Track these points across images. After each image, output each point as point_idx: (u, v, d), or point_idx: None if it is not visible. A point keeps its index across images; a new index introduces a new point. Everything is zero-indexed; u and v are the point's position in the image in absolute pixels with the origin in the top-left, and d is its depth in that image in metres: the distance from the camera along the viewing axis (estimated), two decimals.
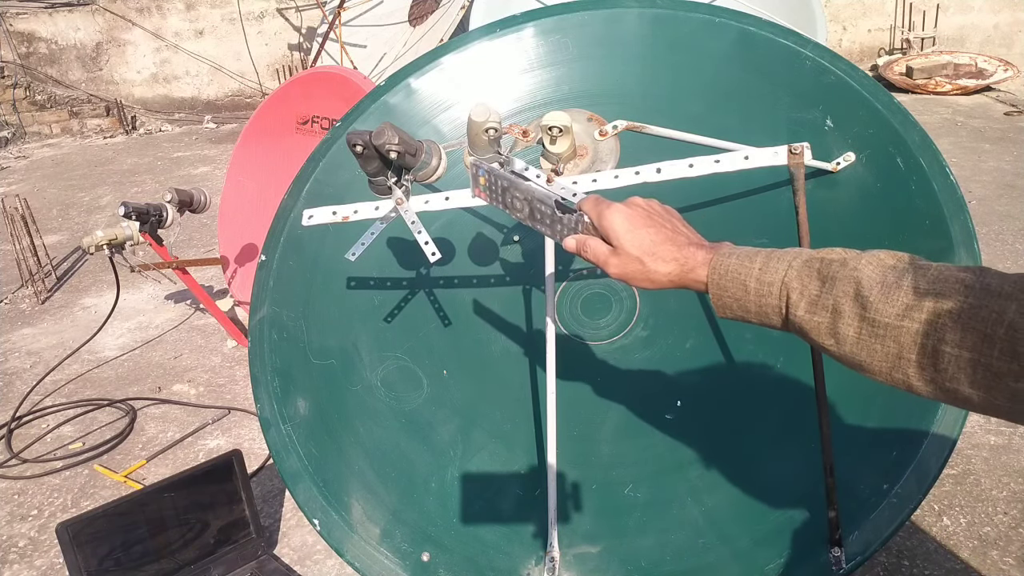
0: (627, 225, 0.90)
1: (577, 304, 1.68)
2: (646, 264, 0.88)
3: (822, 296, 0.75)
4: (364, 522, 1.61)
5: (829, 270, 0.76)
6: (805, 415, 1.45)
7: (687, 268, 0.87)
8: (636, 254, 0.88)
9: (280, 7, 9.03)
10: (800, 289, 0.77)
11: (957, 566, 1.96)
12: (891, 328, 0.70)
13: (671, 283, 0.89)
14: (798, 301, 0.77)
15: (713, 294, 0.85)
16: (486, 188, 1.07)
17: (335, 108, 3.12)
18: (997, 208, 4.49)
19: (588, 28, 1.70)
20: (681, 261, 0.87)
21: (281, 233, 1.75)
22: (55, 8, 8.82)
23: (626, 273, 0.90)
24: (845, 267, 0.76)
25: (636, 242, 0.88)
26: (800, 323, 0.78)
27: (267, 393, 1.69)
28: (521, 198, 1.01)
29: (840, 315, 0.74)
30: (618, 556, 1.54)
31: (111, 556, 1.87)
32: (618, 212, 0.91)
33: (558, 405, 1.38)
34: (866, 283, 0.73)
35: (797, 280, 0.78)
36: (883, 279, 0.72)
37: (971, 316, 0.65)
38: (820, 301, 0.75)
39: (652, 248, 0.88)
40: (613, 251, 0.91)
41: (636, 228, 0.89)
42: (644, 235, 0.89)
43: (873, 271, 0.74)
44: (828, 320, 0.75)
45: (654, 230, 0.89)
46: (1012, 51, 8.75)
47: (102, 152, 7.78)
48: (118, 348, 3.52)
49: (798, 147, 1.35)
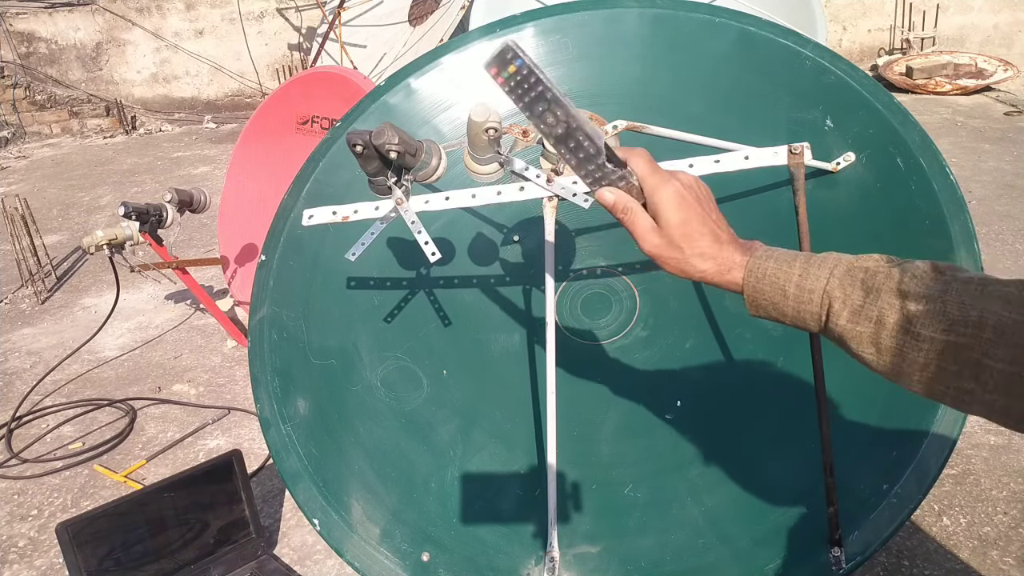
0: (680, 209, 0.85)
1: (577, 304, 1.68)
2: (686, 255, 0.85)
3: (866, 306, 0.76)
4: (364, 522, 1.61)
5: (874, 281, 0.77)
6: (805, 415, 1.45)
7: (724, 269, 0.85)
8: (680, 243, 0.85)
9: (280, 7, 9.03)
10: (843, 299, 0.78)
11: (957, 566, 1.96)
12: (935, 341, 0.72)
13: (702, 279, 0.87)
14: (840, 310, 0.78)
15: (748, 296, 0.85)
16: (511, 79, 0.83)
17: (335, 108, 3.12)
18: (997, 208, 4.50)
19: (588, 28, 1.70)
20: (719, 261, 0.85)
21: (281, 233, 1.75)
22: (55, 8, 8.82)
23: (661, 256, 0.87)
24: (890, 279, 0.77)
25: (683, 230, 0.85)
26: (841, 332, 0.78)
27: (267, 393, 1.69)
28: (560, 116, 0.85)
29: (883, 326, 0.75)
30: (618, 556, 1.54)
31: (111, 556, 1.87)
32: (675, 191, 0.85)
33: (558, 405, 1.38)
34: (911, 296, 0.74)
35: (840, 289, 0.78)
36: (927, 293, 0.73)
37: (1015, 331, 0.68)
38: (864, 311, 0.76)
39: (696, 241, 0.85)
40: (656, 229, 0.86)
41: (688, 215, 0.85)
42: (692, 225, 0.85)
43: (918, 285, 0.75)
44: (871, 330, 0.76)
45: (699, 222, 0.85)
46: (1012, 51, 8.75)
47: (102, 152, 7.78)
48: (118, 348, 3.52)
49: (798, 147, 1.35)
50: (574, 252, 1.69)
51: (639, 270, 1.66)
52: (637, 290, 1.66)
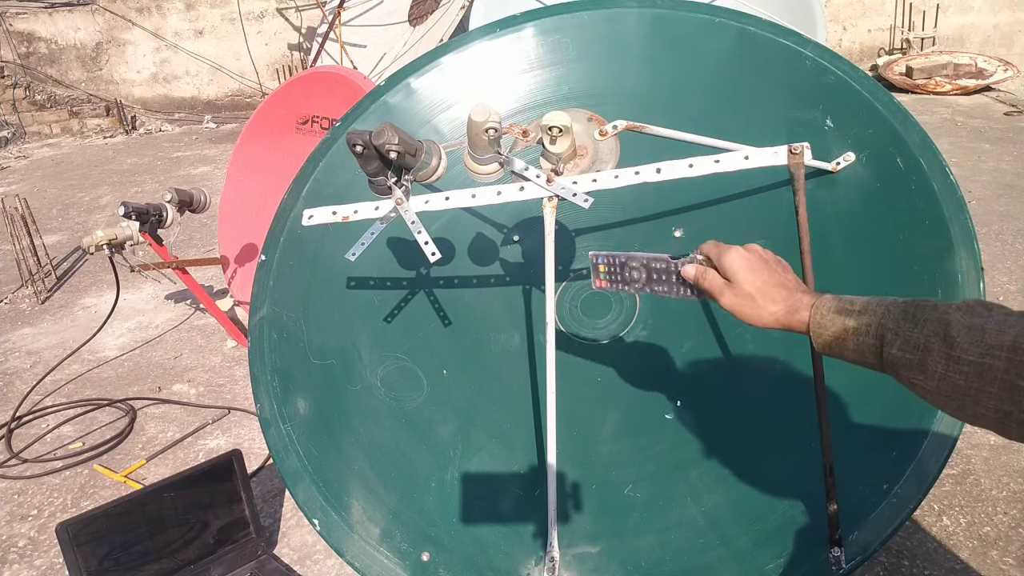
0: (746, 265, 1.00)
1: (577, 304, 1.68)
2: (756, 301, 0.98)
3: (913, 335, 0.84)
4: (364, 522, 1.61)
5: (922, 314, 0.85)
6: (805, 415, 1.45)
7: (792, 310, 0.97)
8: (750, 291, 0.99)
9: (280, 7, 9.03)
10: (895, 330, 0.86)
11: (957, 566, 1.96)
12: (974, 365, 0.79)
13: (775, 322, 0.98)
14: (892, 340, 0.86)
15: (813, 332, 0.94)
16: (606, 275, 1.16)
17: (335, 108, 3.12)
18: (997, 208, 4.50)
19: (588, 28, 1.70)
20: (789, 303, 0.97)
21: (281, 233, 1.75)
22: (55, 8, 8.82)
23: (737, 305, 1.00)
24: (936, 311, 0.85)
25: (751, 280, 0.99)
26: (894, 360, 0.86)
27: (267, 393, 1.69)
28: (637, 266, 1.12)
29: (929, 352, 0.83)
30: (618, 556, 1.54)
31: (111, 556, 1.87)
32: (738, 253, 1.01)
33: (558, 405, 1.38)
34: (955, 325, 0.82)
35: (892, 322, 0.87)
36: (970, 323, 0.81)
37: None
38: (912, 340, 0.84)
39: (764, 288, 0.99)
40: (728, 285, 1.01)
41: (753, 269, 1.00)
42: (759, 276, 0.99)
43: (962, 316, 0.82)
44: (919, 357, 0.84)
45: (767, 274, 1.00)
46: (1012, 51, 8.75)
47: (102, 152, 7.78)
48: (118, 348, 3.52)
49: (798, 147, 1.35)
50: (574, 252, 1.69)
51: None
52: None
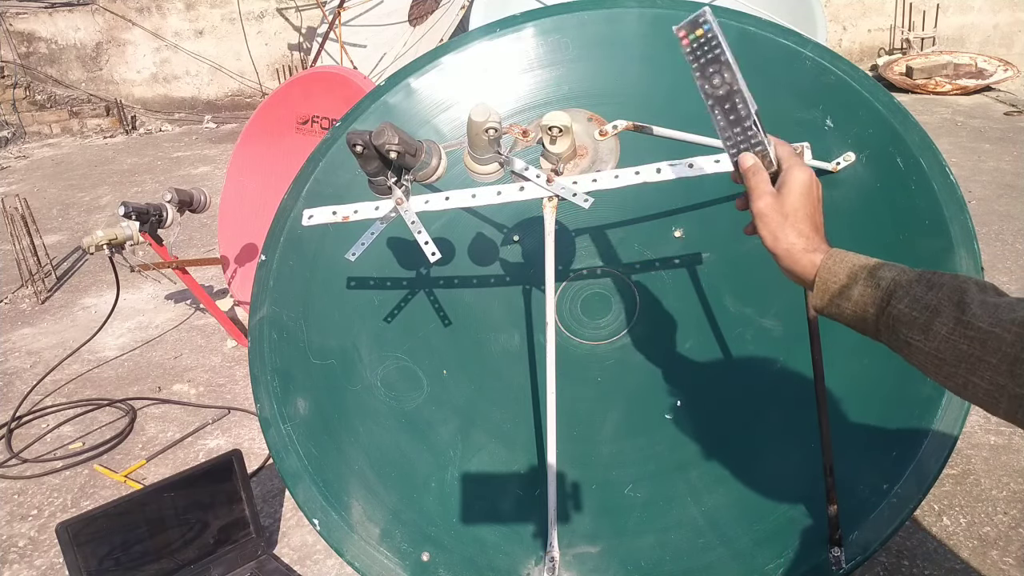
0: (803, 189, 0.98)
1: (577, 304, 1.68)
2: (786, 222, 0.97)
3: (926, 296, 0.86)
4: (364, 522, 1.61)
5: (938, 279, 0.87)
6: (805, 415, 1.45)
7: (810, 247, 0.96)
8: (787, 210, 0.97)
9: (280, 7, 9.03)
10: (907, 288, 0.88)
11: (957, 566, 1.96)
12: (982, 332, 0.80)
13: (787, 253, 0.97)
14: (902, 297, 0.88)
15: (820, 278, 0.94)
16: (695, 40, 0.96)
17: (335, 108, 3.12)
18: (997, 208, 4.50)
19: (588, 28, 1.70)
20: (810, 240, 0.96)
21: (281, 233, 1.75)
22: (55, 8, 8.82)
23: (767, 216, 0.98)
24: (954, 279, 0.86)
25: (796, 205, 0.97)
26: (896, 316, 0.87)
27: (267, 393, 1.69)
28: (727, 79, 0.96)
29: (938, 314, 0.84)
30: (618, 556, 1.54)
31: (111, 556, 1.87)
32: (809, 177, 0.99)
33: (558, 405, 1.38)
34: (970, 293, 0.84)
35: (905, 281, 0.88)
36: (984, 297, 0.83)
37: None
38: (922, 300, 0.86)
39: (799, 215, 0.97)
40: (774, 195, 0.98)
41: (806, 195, 0.98)
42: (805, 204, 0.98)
43: (978, 290, 0.84)
44: (925, 317, 0.85)
45: (812, 208, 0.99)
46: (1012, 51, 8.75)
47: (102, 152, 7.78)
48: (118, 348, 3.52)
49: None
50: (574, 252, 1.69)
51: (639, 270, 1.66)
52: (637, 290, 1.66)
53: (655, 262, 1.66)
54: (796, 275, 0.97)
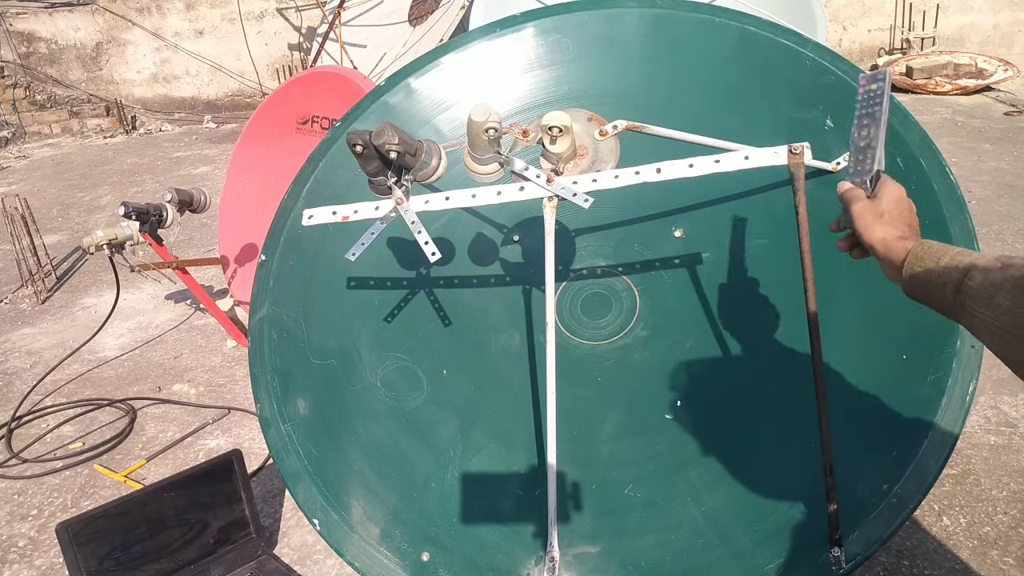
0: (897, 196, 1.14)
1: (577, 304, 1.68)
2: (882, 219, 1.12)
3: (996, 273, 0.95)
4: (364, 522, 1.61)
5: (1011, 260, 0.96)
6: (805, 415, 1.45)
7: (903, 236, 1.10)
8: (883, 210, 1.13)
9: (280, 7, 9.04)
10: (983, 268, 0.98)
11: (957, 566, 1.96)
12: None
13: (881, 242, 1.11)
14: (976, 275, 0.97)
15: (908, 262, 1.07)
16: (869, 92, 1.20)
17: (335, 108, 3.12)
18: (997, 208, 4.50)
19: (588, 28, 1.70)
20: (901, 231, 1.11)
21: (281, 233, 1.75)
22: (55, 8, 8.82)
23: (864, 214, 1.13)
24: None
25: (888, 207, 1.13)
26: (969, 290, 0.97)
27: (267, 393, 1.69)
28: (871, 135, 1.18)
29: (1000, 289, 0.93)
30: (618, 556, 1.54)
31: (111, 556, 1.87)
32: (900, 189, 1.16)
33: (558, 405, 1.38)
34: None
35: (983, 262, 0.99)
36: None
37: None
38: (991, 277, 0.95)
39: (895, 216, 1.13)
40: (870, 202, 1.15)
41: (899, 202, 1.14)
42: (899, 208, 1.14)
43: None
44: (989, 292, 0.94)
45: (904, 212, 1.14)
46: (1012, 51, 8.75)
47: (102, 152, 7.78)
48: (118, 348, 3.52)
49: (798, 147, 1.35)
50: (574, 252, 1.69)
51: (639, 270, 1.66)
52: (637, 290, 1.66)
53: (655, 262, 1.66)
54: (889, 261, 1.09)
